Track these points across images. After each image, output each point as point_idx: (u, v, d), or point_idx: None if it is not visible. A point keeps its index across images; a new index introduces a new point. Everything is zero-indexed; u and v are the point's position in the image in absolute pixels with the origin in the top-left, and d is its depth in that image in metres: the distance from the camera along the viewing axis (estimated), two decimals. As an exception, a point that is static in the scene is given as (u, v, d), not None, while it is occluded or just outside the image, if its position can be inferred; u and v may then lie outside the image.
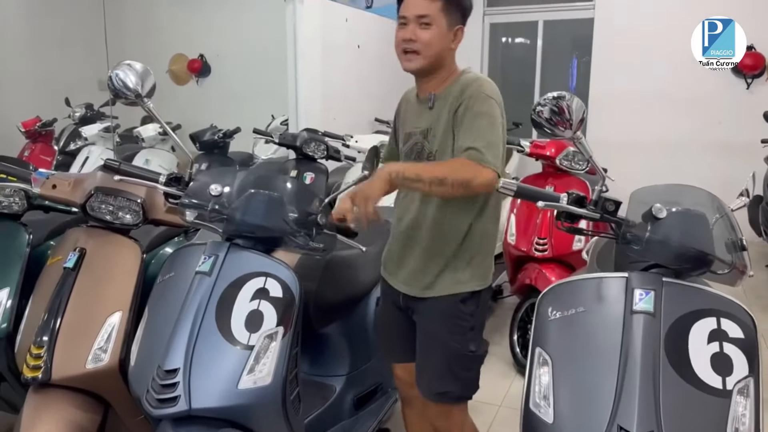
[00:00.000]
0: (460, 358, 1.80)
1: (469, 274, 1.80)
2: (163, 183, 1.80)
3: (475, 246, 1.80)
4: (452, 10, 1.72)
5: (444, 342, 1.80)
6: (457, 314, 1.79)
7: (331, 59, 4.77)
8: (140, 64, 1.70)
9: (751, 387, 1.37)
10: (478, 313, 1.83)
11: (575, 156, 3.36)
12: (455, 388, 1.83)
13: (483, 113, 1.66)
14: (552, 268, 3.15)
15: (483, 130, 1.64)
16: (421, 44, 1.71)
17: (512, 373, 3.21)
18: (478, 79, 1.73)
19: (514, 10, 6.44)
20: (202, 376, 1.55)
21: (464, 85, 1.72)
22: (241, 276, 1.67)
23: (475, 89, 1.69)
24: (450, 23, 1.72)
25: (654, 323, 1.41)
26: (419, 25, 1.70)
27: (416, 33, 1.70)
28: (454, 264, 1.79)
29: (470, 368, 1.84)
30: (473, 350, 1.82)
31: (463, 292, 1.79)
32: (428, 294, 1.81)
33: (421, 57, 1.72)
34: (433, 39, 1.70)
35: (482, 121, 1.65)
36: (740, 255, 1.56)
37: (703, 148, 5.83)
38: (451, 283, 1.79)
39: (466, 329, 1.81)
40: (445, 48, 1.74)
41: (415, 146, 1.82)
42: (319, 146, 3.87)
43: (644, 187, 1.63)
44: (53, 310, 1.86)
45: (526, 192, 1.50)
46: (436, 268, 1.80)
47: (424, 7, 1.69)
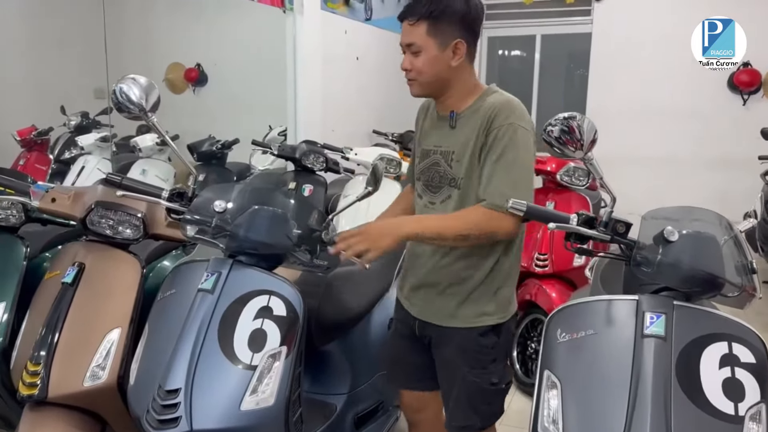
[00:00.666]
0: (481, 392, 1.75)
1: (493, 306, 1.73)
2: (166, 198, 1.77)
3: (502, 278, 1.74)
4: (442, 29, 1.63)
5: (463, 376, 1.74)
6: (477, 348, 1.73)
7: (330, 71, 4.77)
8: (144, 78, 1.68)
9: (763, 413, 1.35)
10: (499, 346, 1.75)
11: (576, 171, 3.36)
12: (477, 421, 1.78)
13: (513, 147, 1.59)
14: (552, 284, 3.14)
15: (510, 169, 1.59)
16: (415, 72, 1.67)
17: (512, 389, 3.17)
18: (509, 104, 1.64)
19: (513, 24, 6.46)
20: (204, 396, 1.52)
21: (493, 109, 1.63)
22: (245, 294, 1.64)
23: (505, 117, 1.61)
24: (441, 43, 1.64)
25: (665, 347, 1.39)
26: (411, 53, 1.67)
27: (410, 62, 1.67)
28: (478, 295, 1.72)
29: (492, 402, 1.79)
30: (495, 383, 1.75)
31: (484, 325, 1.72)
32: (449, 324, 1.75)
33: (418, 83, 1.69)
34: (424, 65, 1.65)
35: (512, 159, 1.59)
36: (750, 277, 1.55)
37: (700, 163, 5.85)
38: (474, 315, 1.73)
39: (487, 362, 1.74)
40: (443, 69, 1.66)
41: (434, 166, 1.74)
42: (318, 158, 3.85)
43: (655, 210, 1.62)
44: (51, 325, 1.83)
45: (537, 213, 1.49)
46: (459, 297, 1.73)
47: (410, 35, 1.65)
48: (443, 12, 1.62)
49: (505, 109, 1.62)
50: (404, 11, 1.67)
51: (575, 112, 1.49)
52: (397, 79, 1.78)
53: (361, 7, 5.18)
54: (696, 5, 5.64)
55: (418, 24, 1.63)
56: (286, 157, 3.94)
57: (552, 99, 6.76)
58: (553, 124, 1.49)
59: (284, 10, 4.39)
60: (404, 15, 1.67)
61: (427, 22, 1.62)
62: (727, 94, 5.74)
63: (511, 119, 1.60)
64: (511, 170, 1.59)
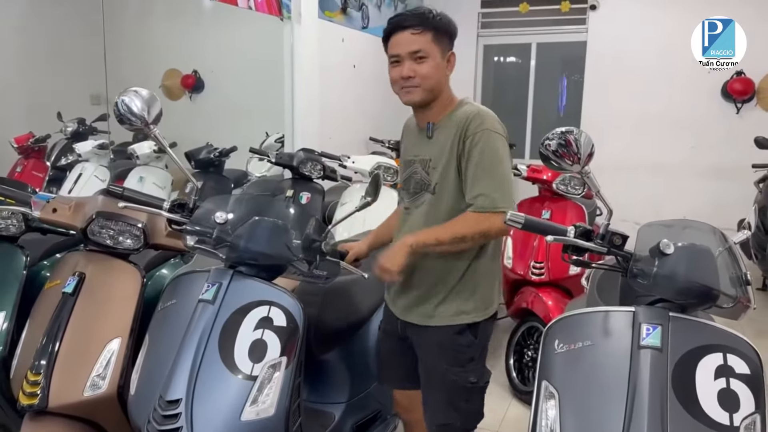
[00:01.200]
0: (459, 390, 1.80)
1: (471, 305, 1.80)
2: (167, 210, 1.78)
3: (480, 277, 1.81)
4: (442, 39, 1.74)
5: (442, 374, 1.80)
6: (455, 346, 1.79)
7: (327, 78, 4.79)
8: (146, 91, 1.69)
9: (758, 423, 1.37)
10: (476, 345, 1.82)
11: (572, 180, 3.38)
12: (456, 420, 1.83)
13: (490, 150, 1.67)
14: (548, 292, 3.16)
15: (491, 173, 1.67)
16: (420, 78, 1.72)
17: (508, 397, 3.20)
18: (480, 113, 1.73)
19: (508, 33, 6.51)
20: (205, 406, 1.53)
21: (466, 118, 1.71)
22: (245, 304, 1.65)
23: (479, 124, 1.69)
24: (443, 51, 1.74)
25: (661, 358, 1.41)
26: (414, 59, 1.72)
27: (413, 68, 1.72)
28: (455, 295, 1.79)
29: (471, 400, 1.84)
30: (473, 381, 1.81)
31: (460, 323, 1.79)
32: (427, 323, 1.81)
33: (421, 89, 1.74)
34: (431, 70, 1.72)
35: (490, 161, 1.67)
36: (744, 289, 1.57)
37: (694, 171, 5.90)
38: (452, 313, 1.79)
39: (465, 361, 1.80)
40: (442, 76, 1.76)
41: (414, 175, 1.83)
42: (316, 166, 3.86)
43: (651, 222, 1.64)
44: (51, 335, 1.84)
45: (534, 225, 1.51)
46: (437, 298, 1.80)
47: (416, 43, 1.71)
48: (444, 25, 1.75)
49: (478, 117, 1.71)
50: (404, 20, 1.73)
51: (571, 126, 1.51)
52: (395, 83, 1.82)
53: (359, 15, 5.21)
54: (690, 15, 5.69)
55: (424, 33, 1.71)
56: (283, 165, 3.95)
57: (547, 106, 6.80)
58: (550, 138, 1.51)
59: (282, 18, 4.41)
60: (406, 24, 1.73)
61: (432, 31, 1.72)
62: (721, 102, 5.79)
63: (483, 126, 1.69)
64: (492, 172, 1.67)
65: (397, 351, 1.95)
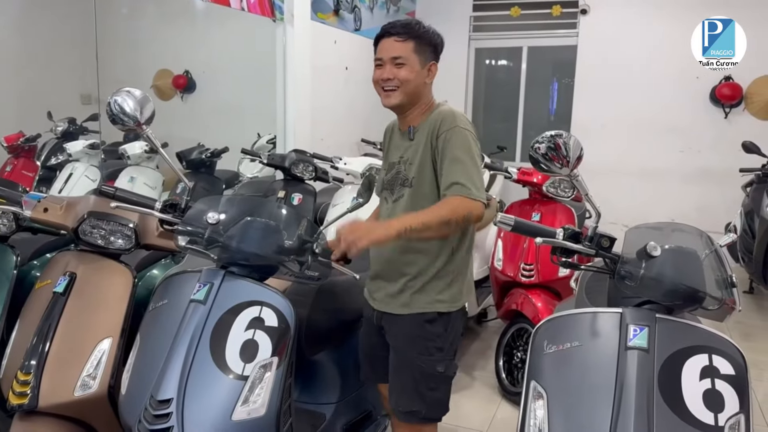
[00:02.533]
0: (426, 377, 1.86)
1: (446, 296, 1.87)
2: (159, 210, 1.79)
3: (457, 269, 1.89)
4: (423, 49, 1.86)
5: (411, 361, 1.87)
6: (425, 335, 1.86)
7: (319, 80, 4.80)
8: (139, 91, 1.69)
9: (742, 423, 1.40)
10: (445, 336, 1.88)
11: (561, 183, 3.40)
12: (422, 408, 1.88)
13: (461, 146, 1.77)
14: (538, 294, 3.18)
15: (464, 165, 1.75)
16: (399, 80, 1.84)
17: (497, 398, 3.21)
18: (451, 112, 1.85)
19: (500, 36, 6.54)
20: (196, 406, 1.53)
21: (440, 117, 1.83)
22: (237, 305, 1.66)
23: (450, 121, 1.80)
24: (422, 61, 1.86)
25: (648, 359, 1.43)
26: (395, 64, 1.85)
27: (393, 71, 1.84)
28: (434, 284, 1.86)
29: (436, 388, 1.89)
30: (441, 371, 1.87)
31: (433, 311, 1.86)
32: (401, 311, 1.88)
33: (400, 92, 1.86)
34: (409, 75, 1.84)
35: (462, 155, 1.76)
36: (730, 291, 1.60)
37: (683, 175, 5.95)
38: (425, 302, 1.86)
39: (433, 350, 1.86)
40: (420, 83, 1.87)
41: (397, 175, 1.92)
42: (308, 167, 3.87)
43: (638, 225, 1.66)
44: (42, 335, 1.84)
45: (524, 227, 1.53)
46: (415, 287, 1.86)
47: (398, 50, 1.84)
48: (428, 36, 1.88)
49: (449, 116, 1.83)
50: (392, 28, 1.87)
51: (560, 129, 1.53)
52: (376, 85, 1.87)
53: (351, 17, 5.23)
54: (680, 20, 5.76)
55: (407, 42, 1.85)
56: (275, 166, 3.96)
57: (538, 110, 6.83)
58: (540, 141, 1.53)
59: (274, 19, 4.42)
60: (392, 31, 1.86)
61: (414, 41, 1.85)
62: (710, 107, 5.85)
63: (454, 123, 1.80)
64: (464, 165, 1.75)
65: (378, 346, 1.99)
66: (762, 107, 5.70)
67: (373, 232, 1.67)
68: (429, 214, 1.72)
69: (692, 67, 5.74)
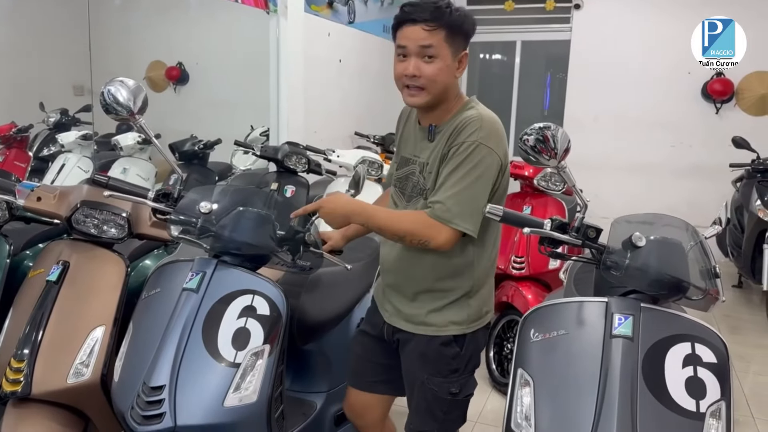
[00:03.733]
0: (438, 401, 1.74)
1: (464, 316, 1.72)
2: (152, 199, 1.80)
3: (476, 290, 1.73)
4: (456, 37, 1.58)
5: (422, 383, 1.74)
6: (438, 357, 1.72)
7: (313, 73, 4.80)
8: (132, 81, 1.70)
9: (723, 410, 1.43)
10: (462, 356, 1.73)
11: (552, 177, 3.44)
12: (434, 428, 1.77)
13: (467, 163, 1.56)
14: (528, 286, 3.21)
15: (461, 185, 1.55)
16: (426, 80, 1.58)
17: (488, 389, 3.25)
18: (479, 120, 1.58)
19: (494, 30, 6.56)
20: (188, 393, 1.55)
21: (462, 123, 1.59)
22: (229, 293, 1.68)
23: (471, 133, 1.56)
24: (455, 52, 1.59)
25: (632, 347, 1.46)
26: (422, 57, 1.57)
27: (420, 67, 1.57)
28: (450, 306, 1.71)
29: (450, 411, 1.77)
30: (454, 393, 1.74)
31: (447, 335, 1.71)
32: (416, 330, 1.74)
33: (426, 93, 1.60)
34: (439, 73, 1.57)
35: (463, 172, 1.56)
36: (713, 282, 1.63)
37: (674, 170, 5.99)
38: (442, 323, 1.71)
39: (447, 372, 1.73)
40: (450, 79, 1.61)
41: (410, 176, 1.74)
42: (301, 160, 3.88)
43: (624, 216, 1.69)
44: (35, 323, 1.85)
45: (513, 218, 1.55)
46: (429, 307, 1.72)
47: (427, 37, 1.55)
48: (461, 22, 1.58)
49: (474, 124, 1.58)
50: (417, 12, 1.55)
51: (550, 122, 1.55)
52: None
53: (345, 10, 5.23)
54: (672, 15, 5.80)
55: (437, 30, 1.55)
56: (268, 158, 3.97)
57: (531, 104, 6.86)
58: (528, 133, 1.55)
59: (268, 11, 4.41)
60: (419, 17, 1.55)
61: (446, 29, 1.56)
62: (701, 102, 5.89)
63: (474, 136, 1.56)
64: (461, 186, 1.56)
65: (374, 352, 1.90)
66: (753, 103, 5.75)
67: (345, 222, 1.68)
68: (390, 221, 1.63)
69: (684, 62, 5.79)
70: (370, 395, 1.94)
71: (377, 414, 1.97)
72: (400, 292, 1.78)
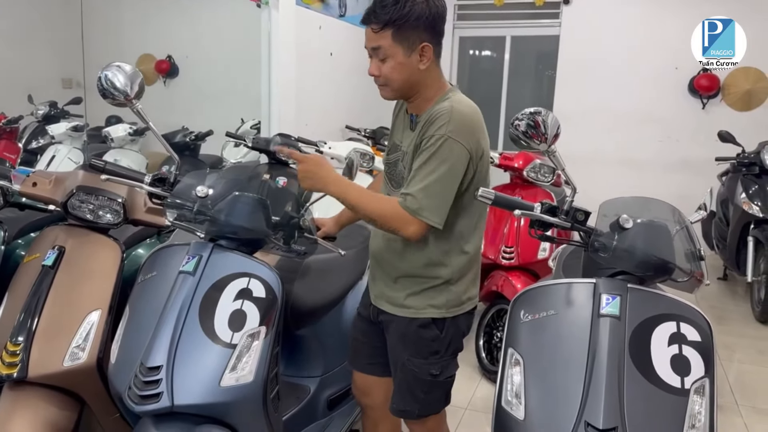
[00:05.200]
0: (418, 381, 1.79)
1: (442, 300, 1.76)
2: (149, 183, 1.82)
3: (457, 275, 1.77)
4: (407, 34, 1.62)
5: (403, 363, 1.80)
6: (417, 338, 1.77)
7: (304, 66, 4.82)
8: (129, 66, 1.72)
9: (706, 386, 1.48)
10: (442, 339, 1.78)
11: (541, 168, 3.49)
12: (415, 408, 1.83)
13: (435, 157, 1.59)
14: (518, 276, 3.26)
15: (430, 177, 1.59)
16: (384, 78, 1.68)
17: (478, 377, 3.29)
18: (448, 114, 1.61)
19: (483, 25, 6.59)
20: (185, 373, 1.57)
21: (433, 116, 1.63)
22: (225, 276, 1.70)
23: (441, 126, 1.60)
24: (408, 48, 1.63)
25: (619, 326, 1.50)
26: (378, 58, 1.66)
27: (378, 67, 1.67)
28: (429, 289, 1.76)
29: (430, 392, 1.81)
30: (434, 374, 1.78)
31: (425, 317, 1.76)
32: (396, 312, 1.80)
33: (390, 88, 1.70)
34: (393, 72, 1.65)
35: (432, 166, 1.59)
36: (698, 264, 1.68)
37: (661, 164, 6.07)
38: (420, 306, 1.77)
39: (427, 353, 1.77)
40: (412, 73, 1.66)
41: (396, 163, 1.80)
42: (292, 151, 3.89)
43: (611, 199, 1.73)
44: (31, 307, 1.86)
45: (504, 201, 1.58)
46: (410, 289, 1.78)
47: (375, 39, 1.64)
48: (407, 18, 1.60)
49: (443, 118, 1.61)
50: (367, 16, 1.65)
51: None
52: (370, 76, 1.84)
53: (336, 3, 5.25)
54: (659, 12, 5.87)
55: (383, 31, 1.61)
56: (260, 150, 3.98)
57: (521, 99, 6.91)
58: (519, 118, 1.59)
59: (259, 4, 4.42)
60: (367, 20, 1.65)
61: (392, 28, 1.61)
62: (688, 98, 5.97)
63: (442, 130, 1.59)
64: (430, 180, 1.59)
65: (368, 334, 1.96)
66: (738, 98, 5.83)
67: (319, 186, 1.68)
68: (364, 201, 1.66)
69: (671, 58, 5.87)
70: (370, 377, 1.99)
71: (380, 394, 2.00)
72: (384, 275, 1.84)
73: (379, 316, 1.88)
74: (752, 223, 4.32)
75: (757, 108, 5.81)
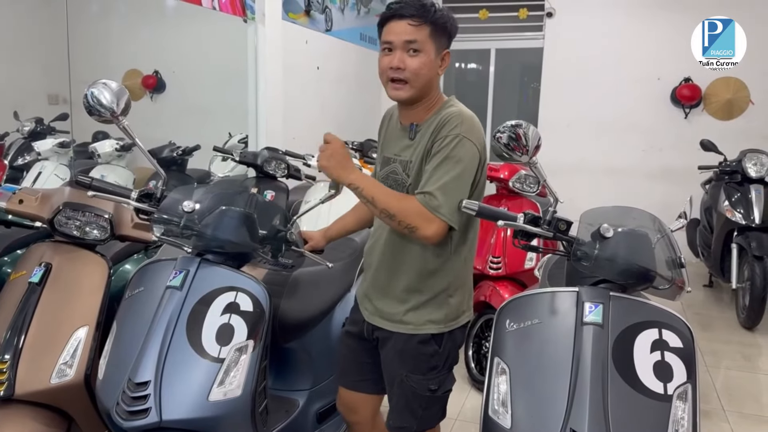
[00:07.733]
0: (417, 397, 1.78)
1: (441, 315, 1.75)
2: (135, 199, 1.83)
3: (454, 289, 1.77)
4: (439, 35, 1.65)
5: (401, 380, 1.78)
6: (417, 355, 1.75)
7: (291, 80, 4.85)
8: (115, 83, 1.74)
9: (689, 392, 1.50)
10: (440, 354, 1.76)
11: (527, 179, 3.52)
12: (413, 424, 1.81)
13: (452, 157, 1.60)
14: (505, 286, 3.28)
15: (447, 176, 1.59)
16: (410, 73, 1.63)
17: (467, 387, 3.30)
18: (459, 116, 1.64)
19: (469, 38, 6.67)
20: (173, 388, 1.58)
21: (444, 119, 1.64)
22: (212, 290, 1.71)
23: (453, 127, 1.62)
24: (438, 49, 1.66)
25: (602, 334, 1.53)
26: (407, 51, 1.63)
27: (405, 60, 1.63)
28: (427, 304, 1.75)
29: (429, 407, 1.80)
30: (433, 389, 1.77)
31: (425, 333, 1.75)
32: (394, 329, 1.78)
33: (409, 86, 1.65)
34: (423, 67, 1.64)
35: (449, 166, 1.59)
36: (679, 272, 1.71)
37: (644, 173, 6.15)
38: (419, 322, 1.75)
39: (426, 369, 1.76)
40: (433, 75, 1.67)
41: (392, 174, 1.77)
42: (280, 165, 3.91)
43: (593, 209, 1.76)
44: (17, 324, 1.86)
45: (487, 212, 1.60)
46: (408, 305, 1.76)
47: (413, 33, 1.62)
48: (444, 21, 1.65)
49: (455, 119, 1.63)
50: (404, 8, 1.63)
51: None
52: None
53: (322, 18, 5.29)
54: (643, 24, 5.97)
55: (422, 26, 1.62)
56: (247, 164, 3.99)
57: (506, 110, 6.98)
58: (501, 131, 1.61)
59: (245, 19, 4.46)
60: (405, 13, 1.62)
61: (431, 26, 1.63)
62: (670, 107, 6.06)
63: (457, 130, 1.61)
64: (447, 179, 1.59)
65: (358, 351, 1.93)
66: (719, 108, 5.93)
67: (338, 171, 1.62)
68: (382, 196, 1.61)
69: (654, 68, 5.97)
70: (358, 394, 1.97)
71: (367, 411, 1.99)
72: (380, 290, 1.81)
73: (374, 333, 1.84)
74: (735, 230, 4.37)
75: (738, 117, 5.91)
